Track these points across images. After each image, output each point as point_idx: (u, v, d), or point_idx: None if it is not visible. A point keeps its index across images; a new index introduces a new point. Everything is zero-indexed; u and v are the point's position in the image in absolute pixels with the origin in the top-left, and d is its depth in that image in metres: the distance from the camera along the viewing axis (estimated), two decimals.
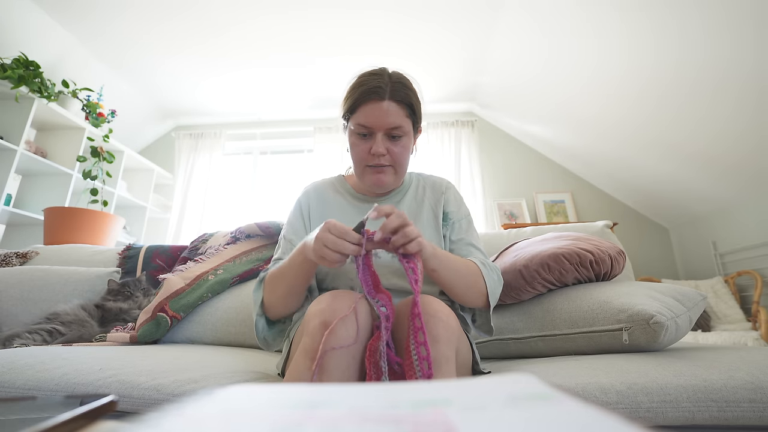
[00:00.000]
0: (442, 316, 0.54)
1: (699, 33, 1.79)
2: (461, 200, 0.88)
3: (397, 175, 0.78)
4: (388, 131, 0.73)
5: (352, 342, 0.53)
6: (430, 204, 0.84)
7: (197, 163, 3.57)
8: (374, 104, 0.72)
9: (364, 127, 0.74)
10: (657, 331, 0.67)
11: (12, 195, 2.35)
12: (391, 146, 0.75)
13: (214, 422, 0.13)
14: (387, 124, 0.73)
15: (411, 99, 0.74)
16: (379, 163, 0.75)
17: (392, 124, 0.73)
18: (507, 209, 3.29)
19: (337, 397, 0.16)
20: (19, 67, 2.18)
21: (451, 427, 0.12)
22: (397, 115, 0.73)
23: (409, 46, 2.75)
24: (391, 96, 0.72)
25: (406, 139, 0.76)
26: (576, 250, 0.88)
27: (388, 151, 0.75)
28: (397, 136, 0.74)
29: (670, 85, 2.12)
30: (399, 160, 0.76)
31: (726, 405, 0.53)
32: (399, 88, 0.73)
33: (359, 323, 0.55)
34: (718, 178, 2.48)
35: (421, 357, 0.49)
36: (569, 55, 2.39)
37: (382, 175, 0.77)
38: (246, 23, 2.53)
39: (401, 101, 0.73)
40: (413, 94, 0.76)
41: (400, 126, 0.73)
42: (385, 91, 0.72)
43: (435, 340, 0.51)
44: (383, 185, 0.78)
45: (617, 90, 2.38)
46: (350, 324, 0.53)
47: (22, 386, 0.64)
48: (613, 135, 2.75)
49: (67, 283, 1.27)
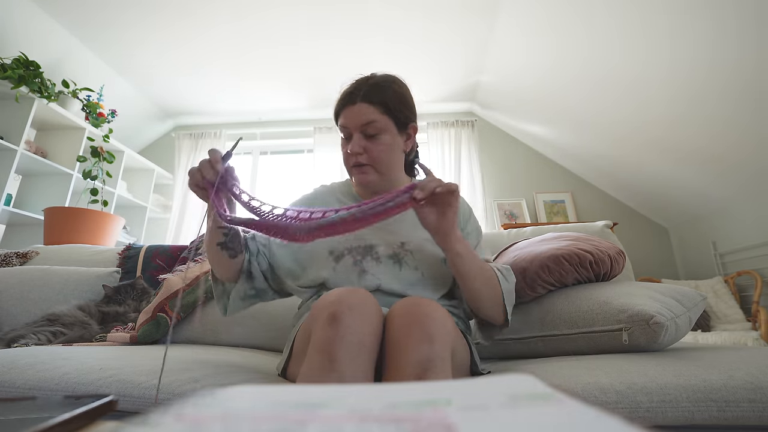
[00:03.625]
0: (436, 316, 0.53)
1: (700, 34, 1.79)
2: (471, 212, 0.88)
3: (380, 173, 0.78)
4: (362, 129, 0.75)
5: (366, 334, 0.52)
6: None
7: (197, 163, 3.56)
8: (349, 108, 0.75)
9: (344, 128, 0.77)
10: (657, 332, 0.67)
11: (12, 195, 2.35)
12: (368, 145, 0.75)
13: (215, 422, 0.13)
14: (360, 122, 0.74)
15: (385, 97, 0.75)
16: (357, 162, 0.76)
17: (364, 120, 0.74)
18: (507, 209, 3.30)
19: (338, 397, 0.16)
20: (19, 67, 2.18)
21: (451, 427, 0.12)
22: (369, 113, 0.74)
23: (410, 46, 2.75)
24: (363, 98, 0.74)
25: (386, 136, 0.76)
26: (575, 250, 0.88)
27: (366, 149, 0.76)
28: (374, 134, 0.75)
29: (671, 86, 2.12)
30: (377, 158, 0.76)
31: (726, 405, 0.53)
32: (374, 90, 0.75)
33: (370, 315, 0.53)
34: (718, 178, 2.48)
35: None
36: (569, 55, 2.39)
37: (365, 175, 0.77)
38: (247, 23, 2.53)
39: (372, 101, 0.74)
40: (391, 93, 0.76)
41: (372, 121, 0.74)
42: (358, 95, 0.75)
43: (430, 340, 0.50)
44: (366, 184, 0.79)
45: (617, 90, 2.38)
46: (361, 314, 0.52)
47: (22, 386, 0.64)
48: (614, 135, 2.75)
49: (67, 283, 1.27)
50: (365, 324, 0.52)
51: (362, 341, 0.51)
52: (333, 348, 0.49)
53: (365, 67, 0.81)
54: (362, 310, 0.53)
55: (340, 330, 0.50)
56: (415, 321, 0.52)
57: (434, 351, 0.49)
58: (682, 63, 1.97)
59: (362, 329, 0.51)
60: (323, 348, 0.50)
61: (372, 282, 0.72)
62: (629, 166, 2.89)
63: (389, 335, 0.54)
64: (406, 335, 0.51)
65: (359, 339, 0.50)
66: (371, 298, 0.56)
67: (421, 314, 0.52)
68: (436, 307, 0.55)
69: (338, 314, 0.51)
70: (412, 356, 0.49)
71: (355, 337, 0.50)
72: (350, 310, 0.52)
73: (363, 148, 0.75)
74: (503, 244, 1.19)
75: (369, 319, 0.53)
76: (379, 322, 0.56)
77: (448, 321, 0.55)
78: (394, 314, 0.55)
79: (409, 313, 0.53)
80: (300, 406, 0.15)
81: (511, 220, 3.24)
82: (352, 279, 0.73)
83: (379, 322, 0.56)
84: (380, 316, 0.56)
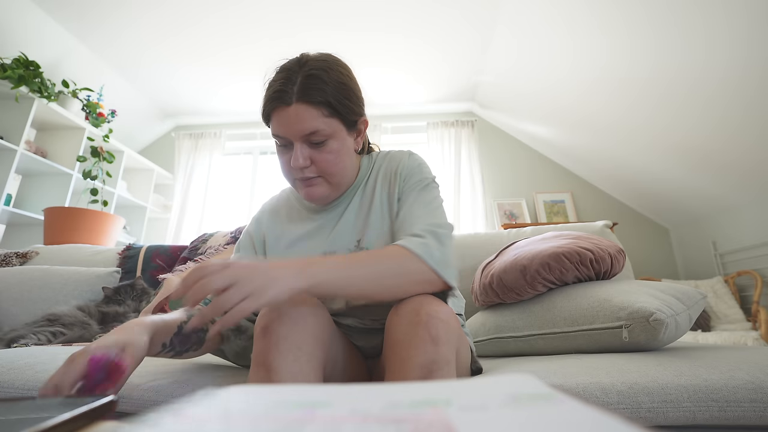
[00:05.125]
0: (443, 317, 0.50)
1: (700, 33, 1.79)
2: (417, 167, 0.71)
3: (333, 184, 0.66)
4: (304, 138, 0.61)
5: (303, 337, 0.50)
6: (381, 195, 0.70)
7: (197, 163, 3.57)
8: (281, 111, 0.60)
9: (279, 138, 0.63)
10: (657, 329, 0.67)
11: (12, 195, 2.35)
12: (314, 154, 0.62)
13: (214, 422, 0.13)
14: (300, 131, 0.60)
15: (327, 94, 0.60)
16: (304, 176, 0.64)
17: (306, 130, 0.60)
18: (507, 209, 3.29)
19: (338, 397, 0.16)
20: (19, 67, 2.18)
21: (451, 427, 0.12)
22: (311, 118, 0.59)
23: (410, 45, 2.75)
24: (299, 97, 0.59)
25: (334, 141, 0.63)
26: (576, 248, 0.88)
27: (312, 160, 0.62)
28: (319, 142, 0.61)
29: (671, 85, 2.12)
30: (328, 169, 0.64)
31: (727, 405, 0.53)
32: (310, 84, 0.59)
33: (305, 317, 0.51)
34: (719, 178, 2.48)
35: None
36: (569, 55, 2.38)
37: (314, 188, 0.65)
38: (246, 23, 2.53)
39: (312, 101, 0.59)
40: (334, 85, 0.61)
41: (316, 130, 0.60)
42: (291, 94, 0.59)
43: (435, 342, 0.48)
44: (317, 199, 0.67)
45: (618, 90, 2.38)
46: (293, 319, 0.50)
47: (21, 387, 0.64)
48: (614, 135, 2.75)
49: (67, 283, 1.27)
50: (300, 328, 0.50)
51: (299, 346, 0.49)
52: (268, 359, 0.48)
53: (366, 67, 0.71)
54: (294, 315, 0.51)
55: (272, 339, 0.49)
56: (420, 321, 0.49)
57: (439, 353, 0.48)
58: (684, 63, 1.96)
59: (297, 334, 0.50)
60: (259, 360, 0.49)
61: (341, 303, 0.67)
62: (629, 166, 2.89)
63: (392, 335, 0.52)
64: (410, 336, 0.49)
65: (296, 344, 0.49)
66: (305, 300, 0.54)
67: (427, 314, 0.50)
68: (441, 306, 0.52)
69: (269, 324, 0.50)
70: (417, 358, 0.47)
71: (289, 343, 0.49)
72: (281, 318, 0.50)
73: (308, 159, 0.62)
74: (503, 244, 1.20)
75: (304, 321, 0.51)
76: (320, 321, 0.53)
77: (454, 321, 0.52)
78: (398, 313, 0.53)
79: (414, 313, 0.51)
80: (300, 405, 0.15)
81: (511, 220, 3.24)
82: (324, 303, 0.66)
83: (320, 321, 0.53)
84: (320, 316, 0.54)
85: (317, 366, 0.50)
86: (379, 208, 0.69)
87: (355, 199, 0.72)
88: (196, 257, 1.33)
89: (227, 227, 1.61)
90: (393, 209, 0.68)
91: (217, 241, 1.38)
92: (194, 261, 1.32)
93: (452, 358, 0.49)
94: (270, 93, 0.62)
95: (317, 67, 0.62)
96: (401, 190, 0.68)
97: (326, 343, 0.54)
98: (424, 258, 0.55)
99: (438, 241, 0.57)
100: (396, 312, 0.54)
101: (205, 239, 1.42)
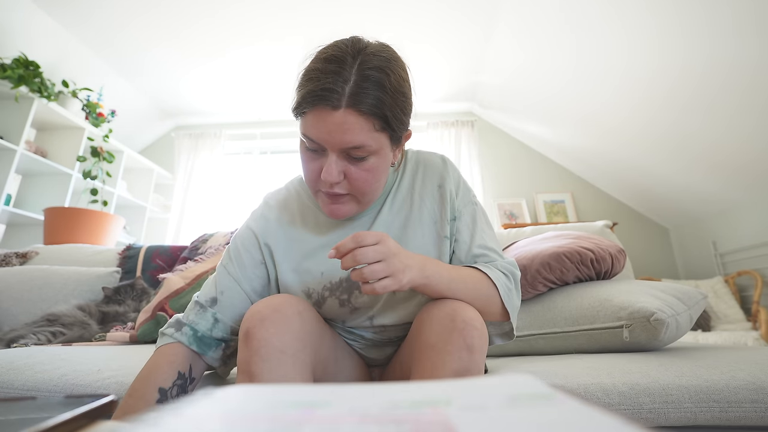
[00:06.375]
0: (477, 325, 0.50)
1: (700, 33, 1.79)
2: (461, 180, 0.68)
3: (362, 203, 0.59)
4: (344, 150, 0.52)
5: (287, 340, 0.48)
6: (422, 207, 0.65)
7: (197, 163, 3.57)
8: (324, 114, 0.50)
9: (312, 141, 0.53)
10: (657, 329, 0.67)
11: (12, 195, 2.35)
12: (350, 169, 0.54)
13: (214, 422, 0.13)
14: (342, 143, 0.51)
15: (383, 107, 0.51)
16: (332, 191, 0.55)
17: (350, 143, 0.51)
18: (507, 209, 3.29)
19: (337, 397, 0.16)
20: (19, 67, 2.18)
21: (451, 427, 0.12)
22: (360, 131, 0.50)
23: (409, 45, 2.74)
24: (350, 103, 0.49)
25: (375, 158, 0.54)
26: (577, 248, 0.88)
27: (346, 174, 0.54)
28: (360, 158, 0.53)
29: (673, 87, 2.12)
30: (362, 188, 0.55)
31: (728, 405, 0.53)
32: (367, 89, 0.49)
33: (287, 319, 0.50)
34: (719, 178, 2.48)
35: None
36: (569, 55, 2.38)
37: (340, 207, 0.57)
38: (247, 23, 2.53)
39: (367, 112, 0.50)
40: (391, 95, 0.51)
41: (362, 146, 0.51)
42: (342, 96, 0.49)
43: (470, 350, 0.47)
44: (340, 217, 0.59)
45: (618, 90, 2.38)
46: (275, 323, 0.49)
47: (21, 386, 0.64)
48: (614, 135, 2.74)
49: (67, 283, 1.27)
50: (283, 331, 0.49)
51: (282, 349, 0.48)
52: (250, 366, 0.48)
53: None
54: (277, 318, 0.50)
55: (254, 345, 0.48)
56: (456, 328, 0.49)
57: (474, 361, 0.48)
58: (686, 65, 1.96)
59: (280, 338, 0.49)
60: (242, 368, 0.48)
61: (365, 320, 0.63)
62: (630, 166, 2.89)
63: (423, 337, 0.51)
64: (445, 341, 0.48)
65: (279, 348, 0.48)
66: (289, 300, 0.53)
67: (463, 321, 0.49)
68: (474, 313, 0.52)
69: (250, 330, 0.49)
70: (452, 364, 0.47)
71: (272, 348, 0.48)
72: (262, 322, 0.49)
73: (342, 174, 0.54)
74: (503, 244, 1.19)
75: (286, 324, 0.50)
76: (307, 323, 0.53)
77: (485, 330, 0.52)
78: (432, 317, 0.52)
79: (449, 318, 0.50)
80: (299, 405, 0.15)
81: (511, 220, 3.24)
82: (344, 320, 0.64)
83: (307, 323, 0.53)
84: (306, 318, 0.53)
85: (303, 369, 0.50)
86: (419, 220, 0.64)
87: (386, 207, 0.65)
88: (196, 257, 1.33)
89: (227, 227, 1.61)
90: (444, 227, 0.63)
91: (217, 241, 1.38)
92: (194, 261, 1.32)
93: (483, 366, 0.50)
94: (313, 86, 0.50)
95: (377, 65, 0.51)
96: (454, 207, 0.64)
97: (314, 345, 0.53)
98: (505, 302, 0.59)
99: (517, 290, 0.62)
100: (429, 314, 0.53)
101: (205, 239, 1.42)
